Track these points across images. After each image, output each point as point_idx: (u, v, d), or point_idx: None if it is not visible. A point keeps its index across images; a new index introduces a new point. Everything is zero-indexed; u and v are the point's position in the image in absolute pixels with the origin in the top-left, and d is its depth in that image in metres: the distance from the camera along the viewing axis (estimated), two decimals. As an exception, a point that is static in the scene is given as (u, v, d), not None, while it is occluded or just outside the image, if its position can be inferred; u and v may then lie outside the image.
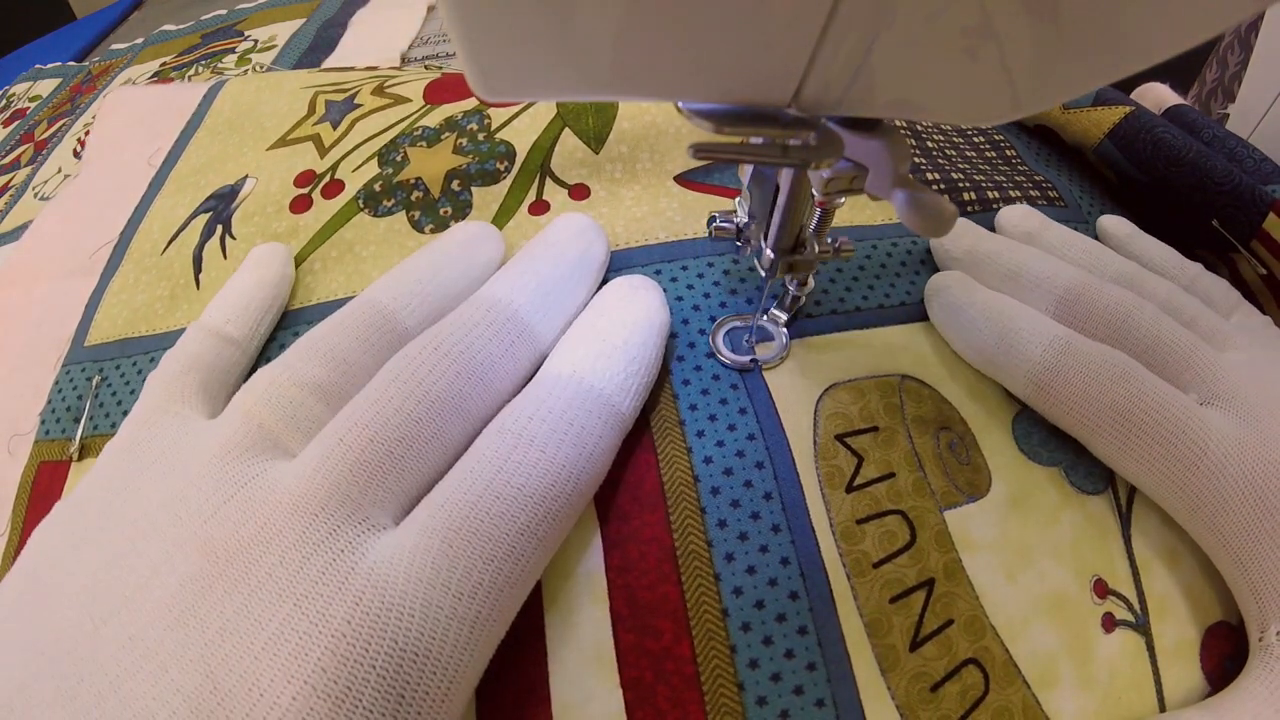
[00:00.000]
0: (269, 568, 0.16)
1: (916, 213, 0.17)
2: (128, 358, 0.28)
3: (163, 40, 0.77)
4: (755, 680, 0.18)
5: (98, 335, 0.30)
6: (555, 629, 0.19)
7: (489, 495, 0.17)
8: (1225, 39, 0.88)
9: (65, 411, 0.28)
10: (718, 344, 0.23)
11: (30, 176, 0.54)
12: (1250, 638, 0.21)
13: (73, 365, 0.29)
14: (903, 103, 0.15)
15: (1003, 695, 0.20)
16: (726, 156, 0.16)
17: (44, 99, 0.77)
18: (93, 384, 0.28)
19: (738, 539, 0.20)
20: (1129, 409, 0.21)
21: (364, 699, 0.15)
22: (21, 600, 0.18)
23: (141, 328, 0.29)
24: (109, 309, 0.30)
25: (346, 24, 0.72)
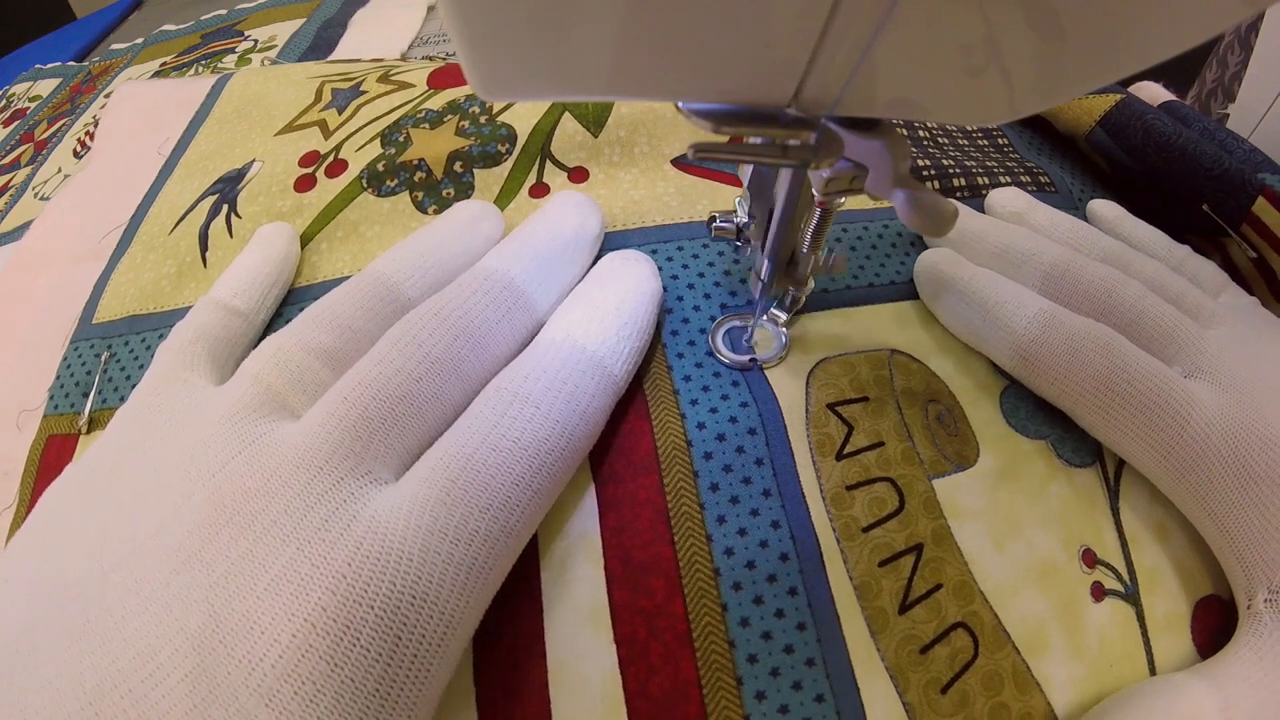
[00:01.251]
0: (274, 516, 0.17)
1: (916, 212, 0.17)
2: (136, 334, 0.29)
3: (163, 40, 0.78)
4: (746, 638, 0.19)
5: (106, 313, 0.31)
6: (551, 587, 0.20)
7: (485, 448, 0.19)
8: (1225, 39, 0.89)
9: (74, 386, 0.29)
10: (717, 344, 0.24)
11: (30, 176, 0.55)
12: (1239, 606, 0.22)
13: (81, 342, 0.30)
14: (903, 103, 0.15)
15: (992, 659, 0.20)
16: (726, 156, 0.16)
17: (44, 99, 0.78)
18: (101, 360, 0.29)
19: (729, 502, 0.21)
20: (1111, 380, 0.22)
21: (362, 637, 0.16)
22: (31, 553, 0.19)
23: (149, 305, 0.30)
24: (117, 287, 0.32)
25: (346, 24, 0.73)
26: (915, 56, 0.13)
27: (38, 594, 0.17)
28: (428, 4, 0.71)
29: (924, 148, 0.33)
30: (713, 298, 0.26)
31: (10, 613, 0.17)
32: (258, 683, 0.15)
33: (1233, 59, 0.88)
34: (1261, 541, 0.21)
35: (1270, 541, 0.21)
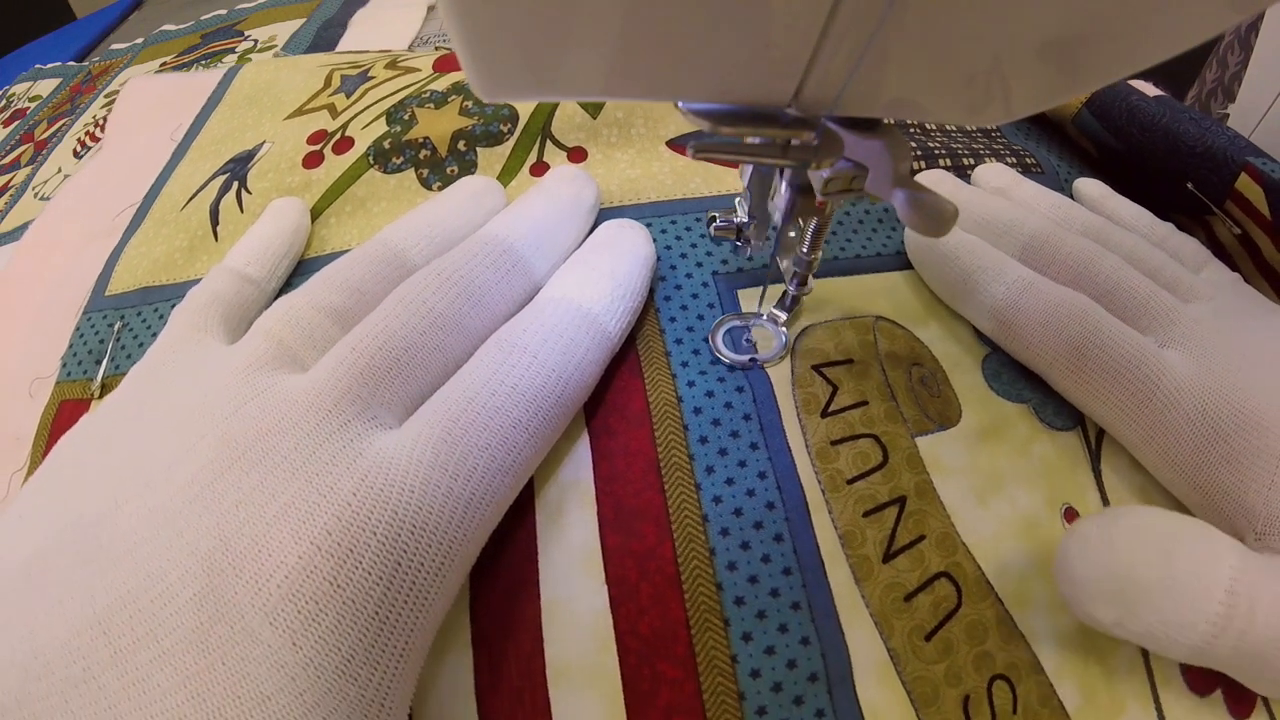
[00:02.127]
0: (284, 452, 0.18)
1: (917, 212, 0.18)
2: (148, 304, 0.31)
3: (163, 40, 0.79)
4: (733, 581, 0.21)
5: (118, 285, 0.33)
6: (546, 531, 0.22)
7: (485, 392, 0.20)
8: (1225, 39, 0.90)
9: (87, 354, 0.30)
10: (717, 343, 0.25)
11: (30, 176, 0.56)
12: None
13: (94, 312, 0.32)
14: (902, 103, 0.16)
15: (976, 609, 0.21)
16: (727, 156, 0.17)
17: (44, 99, 0.79)
18: (115, 329, 0.30)
19: (718, 454, 0.22)
20: (1084, 345, 0.23)
21: (364, 560, 0.17)
22: (45, 491, 0.20)
23: (161, 277, 0.32)
24: (129, 261, 0.33)
25: (346, 24, 0.75)
26: (915, 57, 0.14)
27: (50, 526, 0.19)
28: (428, 4, 0.72)
29: (910, 131, 0.34)
30: (704, 266, 0.27)
31: (23, 543, 0.18)
32: (263, 602, 0.16)
33: (1233, 59, 0.89)
34: (1238, 494, 0.22)
35: (1247, 493, 0.22)
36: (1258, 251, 0.30)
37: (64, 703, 0.16)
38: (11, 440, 0.29)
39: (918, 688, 0.20)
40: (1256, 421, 0.22)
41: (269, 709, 0.15)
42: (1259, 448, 0.22)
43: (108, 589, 0.17)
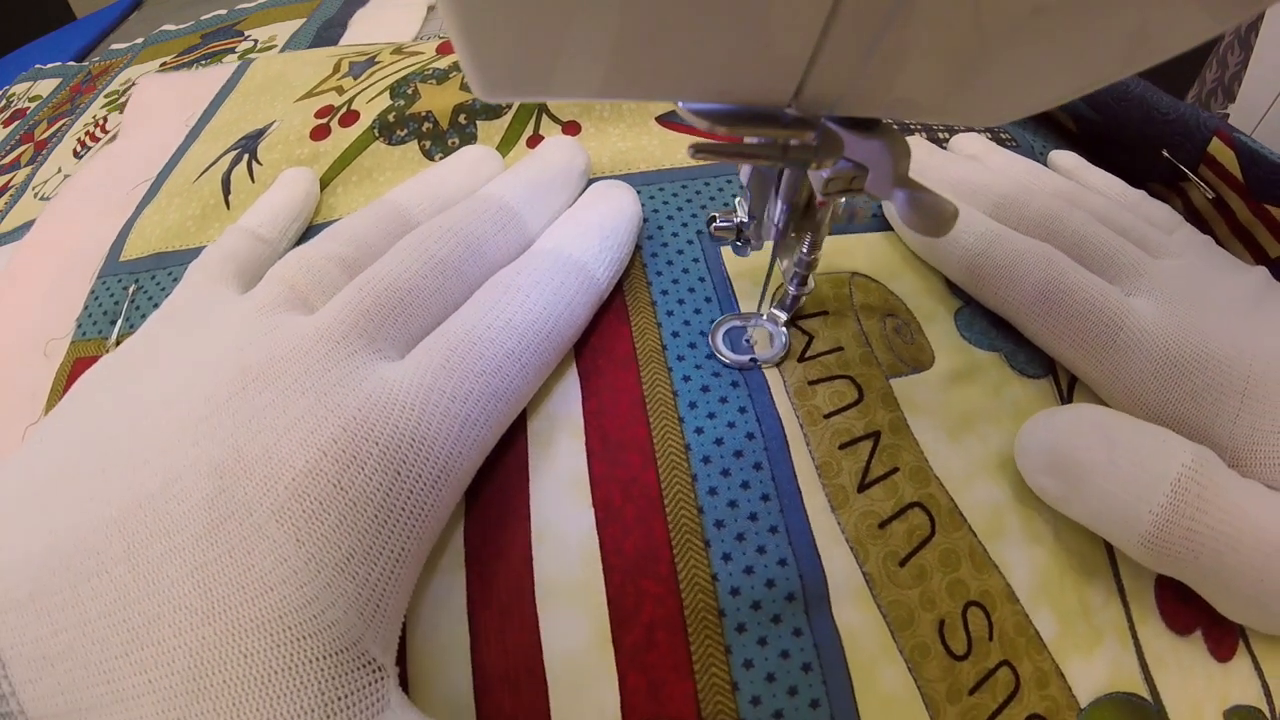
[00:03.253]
0: (295, 375, 0.20)
1: (916, 212, 0.18)
2: (162, 269, 0.33)
3: (163, 40, 0.82)
4: (713, 505, 0.22)
5: (132, 251, 0.35)
6: (537, 460, 0.24)
7: (481, 326, 0.22)
8: (1225, 39, 0.92)
9: (102, 315, 0.32)
10: (717, 344, 0.26)
11: (30, 176, 0.58)
12: None
13: (109, 277, 0.34)
14: (902, 103, 0.16)
15: (949, 538, 0.23)
16: (726, 156, 0.17)
17: (44, 99, 0.81)
18: (129, 292, 0.32)
19: (700, 391, 0.25)
20: (1049, 290, 0.25)
21: (366, 467, 0.19)
22: (66, 417, 0.22)
23: (175, 243, 0.34)
24: (142, 229, 0.36)
25: (346, 24, 0.77)
26: (915, 58, 0.14)
27: (71, 443, 0.20)
28: (428, 4, 0.75)
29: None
30: (689, 226, 0.30)
31: (44, 459, 0.20)
32: (271, 501, 0.18)
33: (1233, 59, 0.91)
34: (1204, 428, 0.24)
35: (1212, 427, 0.24)
36: (1231, 214, 0.32)
37: (75, 594, 0.17)
38: (27, 396, 0.31)
39: (893, 611, 0.22)
40: (1218, 359, 0.24)
41: (270, 599, 0.17)
42: (1221, 383, 0.24)
43: (124, 493, 0.18)
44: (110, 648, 0.17)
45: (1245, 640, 0.24)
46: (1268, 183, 0.30)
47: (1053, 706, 0.22)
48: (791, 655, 0.21)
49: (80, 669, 0.17)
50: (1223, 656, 0.24)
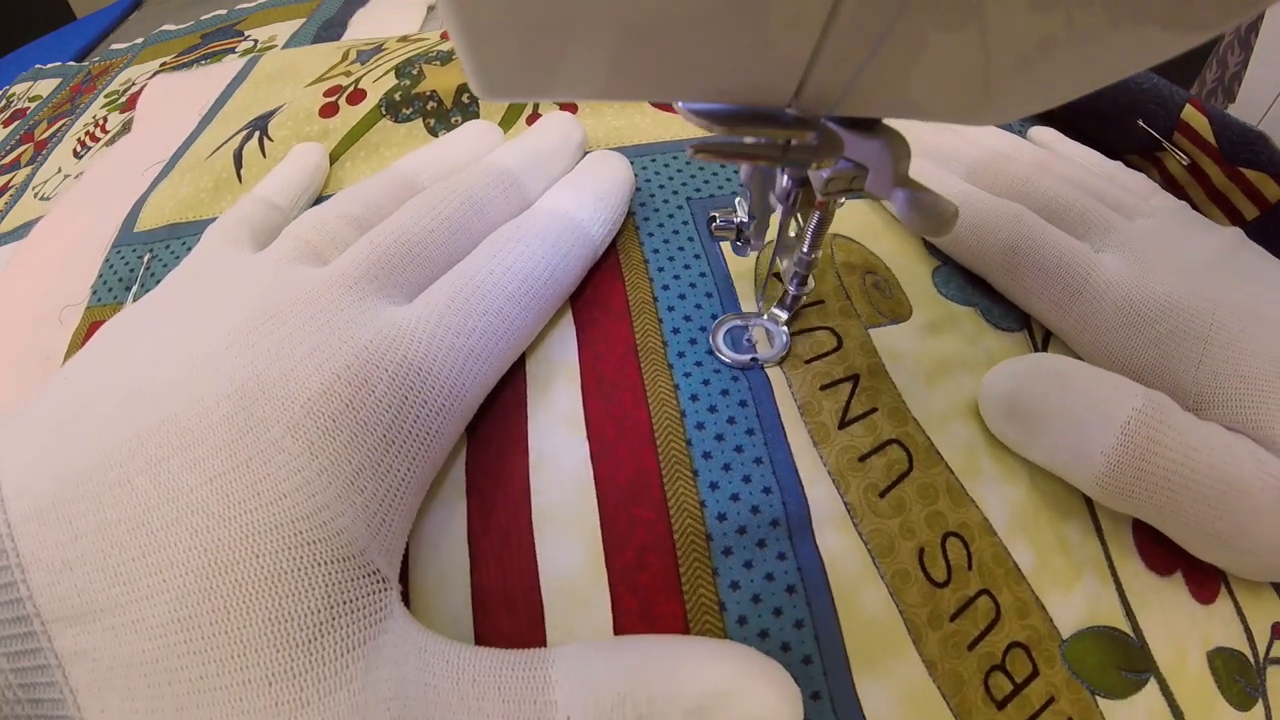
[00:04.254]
0: (311, 313, 0.22)
1: (916, 212, 0.19)
2: (176, 239, 0.36)
3: (163, 40, 0.84)
4: (701, 438, 0.24)
5: (146, 223, 0.37)
6: (535, 399, 0.26)
7: (484, 271, 0.25)
8: (1225, 39, 0.95)
9: (117, 282, 0.35)
10: (718, 343, 0.27)
11: (30, 176, 0.60)
12: None
13: (123, 246, 0.36)
14: (903, 103, 0.17)
15: (927, 474, 0.25)
16: (726, 156, 0.18)
17: (44, 99, 0.83)
18: (144, 260, 0.35)
19: (689, 343, 0.27)
20: (1017, 245, 0.28)
21: (376, 390, 0.21)
22: (89, 357, 0.24)
23: (188, 214, 0.37)
24: (156, 202, 0.38)
25: (346, 24, 0.79)
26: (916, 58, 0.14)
27: (95, 377, 0.22)
28: (428, 4, 0.77)
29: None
30: (679, 193, 0.32)
31: (69, 393, 0.22)
32: (288, 418, 0.20)
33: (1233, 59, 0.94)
34: (1167, 373, 0.26)
35: (1175, 372, 0.26)
36: (1207, 179, 0.34)
37: (98, 504, 0.19)
38: (41, 359, 0.32)
39: (874, 539, 0.23)
40: (1181, 308, 0.26)
41: (284, 505, 0.19)
42: (1184, 331, 0.25)
43: (148, 414, 0.20)
44: (128, 551, 0.18)
45: (1228, 585, 0.26)
46: (1240, 145, 0.32)
47: (1034, 636, 0.23)
48: (776, 578, 0.22)
49: (97, 572, 0.18)
50: (1204, 599, 0.25)
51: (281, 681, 0.18)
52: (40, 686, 0.18)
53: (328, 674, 0.18)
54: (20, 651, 0.18)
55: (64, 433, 0.21)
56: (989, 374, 0.26)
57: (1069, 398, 0.24)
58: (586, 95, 0.16)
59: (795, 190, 0.23)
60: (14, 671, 0.18)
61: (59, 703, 0.18)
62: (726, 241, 0.28)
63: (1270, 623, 0.26)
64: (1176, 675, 0.24)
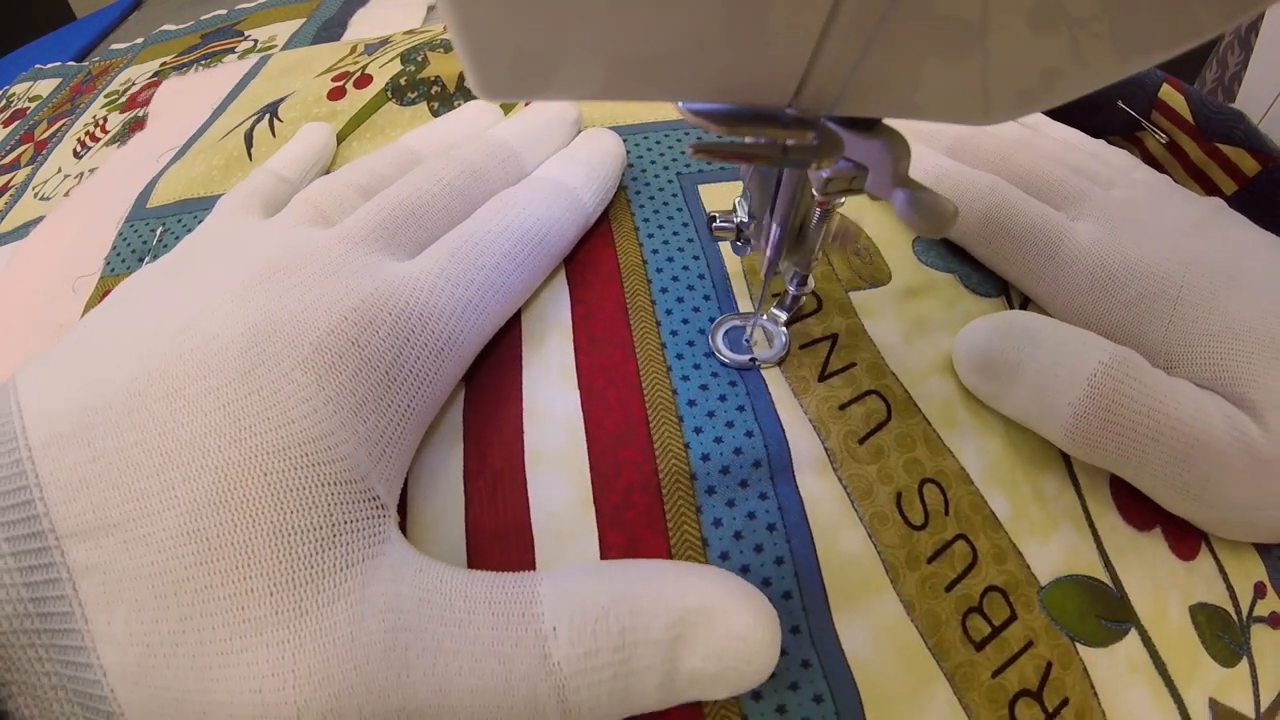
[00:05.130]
0: (320, 265, 0.25)
1: (916, 212, 0.19)
2: (188, 213, 0.38)
3: (163, 40, 0.86)
4: (686, 389, 0.27)
5: (158, 199, 0.40)
6: (530, 353, 0.28)
7: (482, 230, 0.27)
8: (1225, 39, 0.97)
9: (130, 253, 0.37)
10: (717, 343, 0.28)
11: (30, 176, 0.62)
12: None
13: (136, 221, 0.39)
14: (902, 103, 0.17)
15: (905, 424, 0.27)
16: (726, 156, 0.18)
17: (44, 99, 0.84)
18: (157, 233, 0.37)
19: (676, 301, 0.29)
20: (991, 215, 0.30)
21: (380, 331, 0.23)
22: (107, 308, 0.26)
23: (199, 190, 0.39)
24: (169, 180, 0.40)
25: (346, 24, 0.81)
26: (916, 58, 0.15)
27: (112, 323, 0.24)
28: (427, 4, 0.79)
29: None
30: (670, 168, 0.35)
31: (88, 340, 0.24)
32: (297, 353, 0.22)
33: (1233, 59, 0.95)
34: (1139, 334, 0.28)
35: (1146, 332, 0.27)
36: (1186, 157, 0.36)
37: (116, 429, 0.21)
38: (54, 328, 0.34)
39: (853, 483, 0.25)
40: (1152, 271, 0.27)
41: (292, 429, 0.21)
42: (1155, 292, 0.27)
43: (165, 350, 0.22)
44: (142, 470, 0.20)
45: (1209, 544, 0.27)
46: (1216, 121, 0.34)
47: (1011, 581, 0.25)
48: (758, 516, 0.24)
49: (112, 489, 0.20)
50: (1185, 555, 0.27)
51: (283, 591, 0.19)
52: (50, 600, 0.19)
53: (327, 586, 0.20)
54: (34, 566, 0.19)
55: (83, 370, 0.22)
56: (962, 330, 0.27)
57: (1038, 353, 0.25)
58: (586, 96, 0.16)
59: (795, 190, 0.24)
60: (26, 586, 0.19)
61: (67, 616, 0.19)
62: (726, 241, 0.29)
63: (1253, 582, 0.27)
64: (1157, 627, 0.25)
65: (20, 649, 0.19)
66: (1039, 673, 0.23)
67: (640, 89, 0.16)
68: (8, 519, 0.19)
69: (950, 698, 0.23)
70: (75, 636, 0.19)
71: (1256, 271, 0.28)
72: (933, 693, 0.23)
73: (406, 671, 0.19)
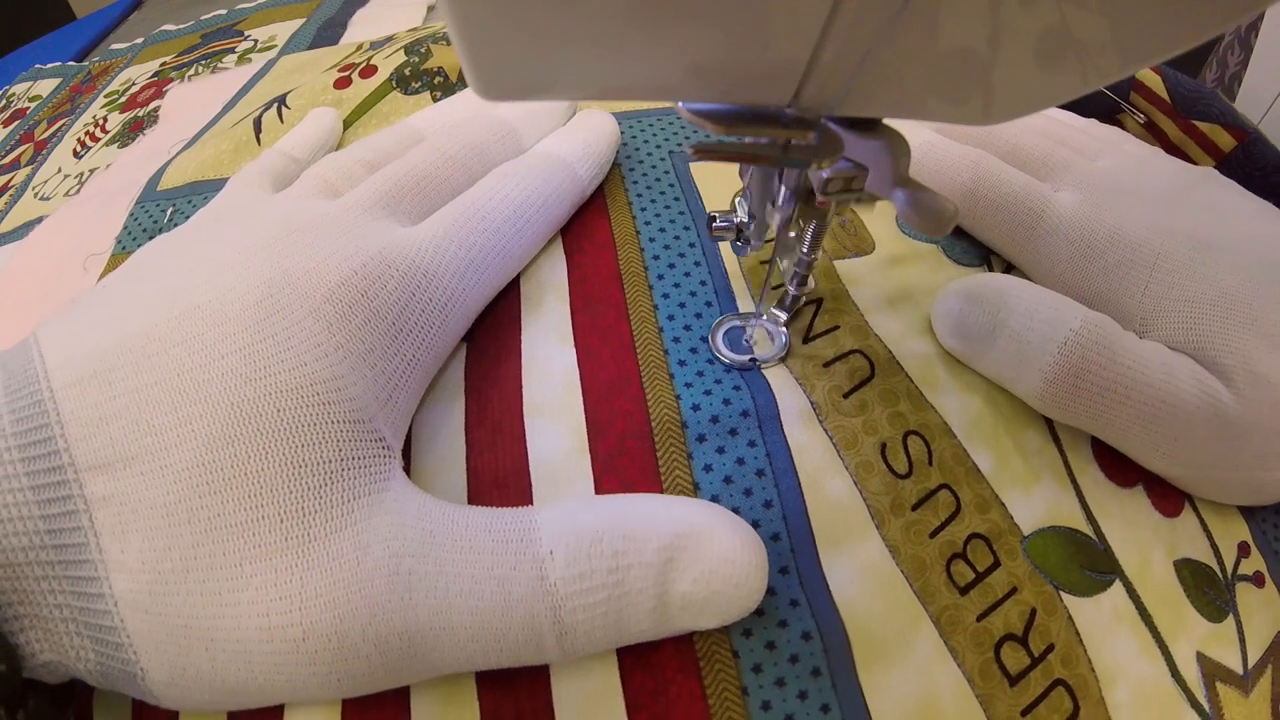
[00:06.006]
0: (329, 227, 0.27)
1: (916, 212, 0.20)
2: (198, 195, 0.40)
3: (163, 40, 0.88)
4: (678, 349, 0.29)
5: (168, 183, 0.42)
6: (529, 314, 0.30)
7: (483, 198, 0.29)
8: (1225, 39, 0.98)
9: (141, 232, 0.39)
10: (717, 344, 0.29)
11: (30, 176, 0.63)
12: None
13: (147, 202, 0.41)
14: (903, 103, 0.17)
15: (888, 381, 0.28)
16: (726, 156, 0.18)
17: (44, 99, 0.86)
18: (167, 213, 0.39)
19: (668, 267, 0.31)
20: (977, 187, 0.32)
21: (387, 285, 0.25)
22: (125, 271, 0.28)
23: (209, 174, 0.42)
24: (179, 164, 0.43)
25: (346, 24, 0.82)
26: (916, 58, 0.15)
27: (130, 282, 0.26)
28: (427, 4, 0.81)
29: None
30: (661, 148, 0.37)
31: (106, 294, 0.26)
32: (310, 304, 0.24)
33: (1233, 59, 0.97)
34: (1116, 299, 0.29)
35: (1123, 297, 0.29)
36: (1164, 135, 0.38)
37: (136, 371, 0.22)
38: (65, 303, 0.36)
39: (838, 434, 0.27)
40: (1130, 238, 0.29)
41: (304, 371, 0.22)
42: (1132, 259, 0.29)
43: (184, 300, 0.24)
44: (161, 407, 0.22)
45: (1192, 504, 0.29)
46: (1192, 99, 0.36)
47: (995, 530, 0.26)
48: (746, 462, 0.26)
49: (131, 425, 0.21)
50: (1168, 512, 0.28)
51: (292, 519, 0.21)
52: (66, 532, 0.20)
53: (334, 515, 0.21)
54: (52, 499, 0.21)
55: (103, 323, 0.24)
56: (940, 293, 0.29)
57: (1011, 318, 0.27)
58: (585, 96, 0.16)
59: (796, 190, 0.24)
60: (43, 518, 0.20)
61: (82, 546, 0.20)
62: (726, 241, 0.30)
63: (1237, 541, 0.29)
64: (1142, 579, 0.26)
65: (34, 580, 0.20)
66: (1023, 618, 0.25)
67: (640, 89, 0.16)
68: (29, 454, 0.21)
69: (936, 639, 0.24)
70: (89, 567, 0.20)
71: (1237, 239, 0.29)
72: (919, 634, 0.24)
73: (409, 594, 0.21)
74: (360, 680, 0.21)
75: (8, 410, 0.21)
